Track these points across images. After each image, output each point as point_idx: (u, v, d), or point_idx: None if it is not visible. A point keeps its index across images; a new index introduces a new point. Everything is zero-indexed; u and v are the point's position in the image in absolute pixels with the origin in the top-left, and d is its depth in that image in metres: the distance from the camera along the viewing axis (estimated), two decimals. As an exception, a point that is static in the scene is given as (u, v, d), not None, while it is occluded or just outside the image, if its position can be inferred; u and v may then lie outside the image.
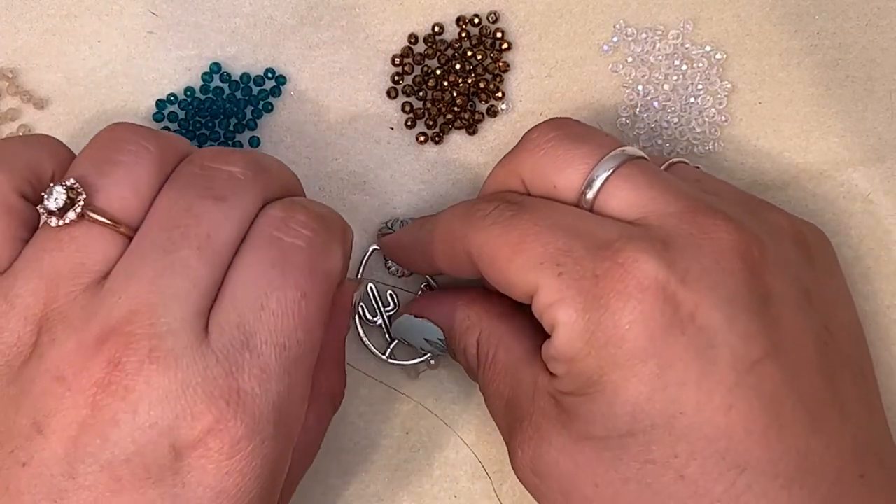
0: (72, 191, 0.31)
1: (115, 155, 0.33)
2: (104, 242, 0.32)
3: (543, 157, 0.36)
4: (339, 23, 0.43)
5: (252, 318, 0.31)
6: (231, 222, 0.32)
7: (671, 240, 0.32)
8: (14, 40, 0.43)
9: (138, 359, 0.29)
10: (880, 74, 0.43)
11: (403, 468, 0.42)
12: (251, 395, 0.30)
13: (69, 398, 0.30)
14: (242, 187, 0.33)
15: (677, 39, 0.43)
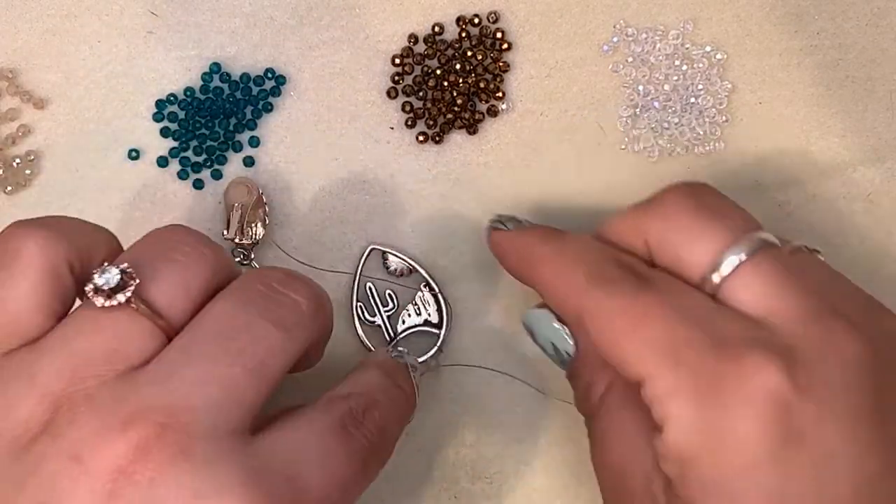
0: (125, 274, 0.31)
1: (170, 253, 0.32)
2: (144, 334, 0.31)
3: (674, 226, 0.34)
4: (339, 23, 0.43)
5: (304, 466, 0.31)
6: (287, 354, 0.32)
7: (796, 349, 0.31)
8: (14, 40, 0.43)
9: (169, 453, 0.28)
10: (880, 74, 0.43)
11: (403, 468, 0.42)
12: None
13: (84, 482, 0.28)
14: (304, 322, 0.33)
15: (677, 39, 0.43)
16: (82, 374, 0.30)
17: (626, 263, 0.34)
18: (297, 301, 0.33)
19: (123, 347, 0.31)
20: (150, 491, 0.28)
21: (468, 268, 0.43)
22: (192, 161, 0.43)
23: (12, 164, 0.42)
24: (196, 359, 0.30)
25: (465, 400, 0.42)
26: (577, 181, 0.43)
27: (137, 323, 0.31)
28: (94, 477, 0.28)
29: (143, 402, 0.29)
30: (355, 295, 0.42)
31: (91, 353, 0.30)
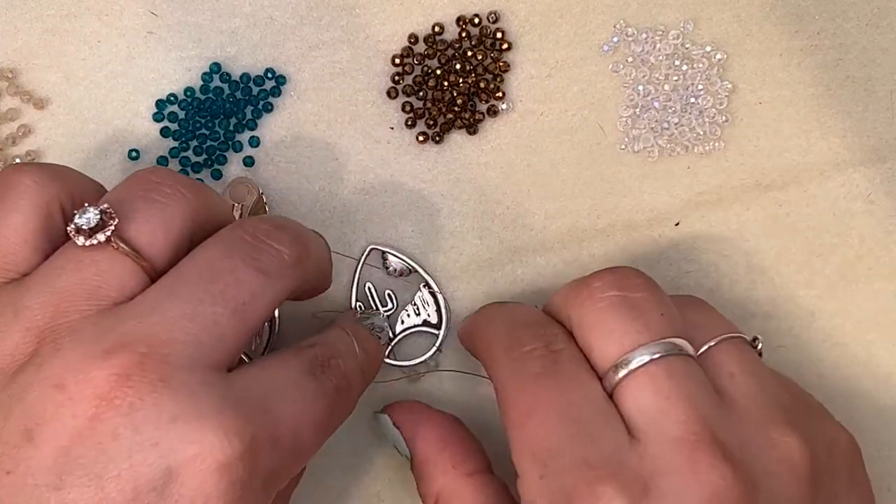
0: (105, 214, 0.32)
1: (150, 193, 0.33)
2: (125, 272, 0.32)
3: (592, 313, 0.34)
4: (339, 23, 0.43)
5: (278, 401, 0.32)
6: (267, 299, 0.33)
7: (655, 481, 0.31)
8: (14, 40, 0.43)
9: (149, 380, 0.30)
10: (880, 74, 0.43)
11: (403, 468, 0.42)
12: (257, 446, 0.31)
13: (68, 406, 0.29)
14: (286, 270, 0.34)
15: (677, 39, 0.43)
16: (65, 309, 0.31)
17: (546, 336, 0.35)
18: (280, 250, 0.34)
19: (104, 284, 0.32)
20: (130, 414, 0.29)
21: (468, 268, 0.43)
22: (192, 161, 0.43)
23: (12, 164, 0.42)
24: (179, 297, 0.31)
25: (465, 400, 0.42)
26: (577, 181, 0.43)
27: (118, 261, 0.32)
28: (76, 402, 0.29)
29: (125, 334, 0.30)
30: (354, 295, 0.42)
31: (73, 290, 0.31)
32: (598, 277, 0.35)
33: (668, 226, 0.43)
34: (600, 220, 0.43)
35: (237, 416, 0.30)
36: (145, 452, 0.29)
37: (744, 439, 0.33)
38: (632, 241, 0.43)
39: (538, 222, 0.43)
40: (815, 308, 0.43)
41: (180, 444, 0.29)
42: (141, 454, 0.29)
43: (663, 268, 0.43)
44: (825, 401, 0.43)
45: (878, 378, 0.43)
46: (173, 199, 0.33)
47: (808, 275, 0.43)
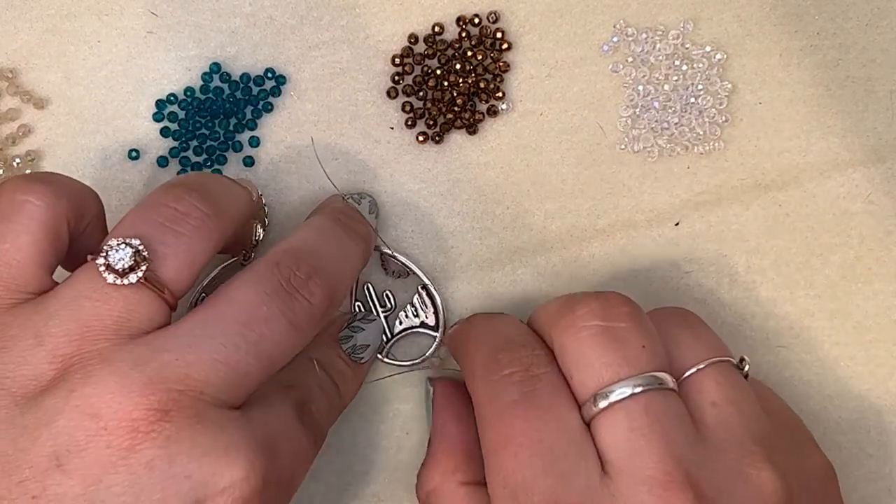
0: (138, 255, 0.32)
1: (178, 226, 0.34)
2: (151, 306, 0.33)
3: (574, 342, 0.34)
4: (339, 23, 0.43)
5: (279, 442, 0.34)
6: (293, 350, 0.34)
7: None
8: (14, 40, 0.43)
9: (185, 416, 0.30)
10: (880, 74, 0.43)
11: (403, 468, 0.42)
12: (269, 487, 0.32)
13: (103, 436, 0.30)
14: (315, 323, 0.35)
15: (677, 39, 0.43)
16: (94, 337, 0.31)
17: (525, 361, 0.35)
18: (312, 303, 0.35)
19: (132, 317, 0.32)
20: (166, 447, 0.30)
21: (468, 268, 0.43)
22: (192, 161, 0.43)
23: (12, 164, 0.42)
24: (215, 338, 0.32)
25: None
26: (577, 181, 0.43)
27: (146, 296, 0.32)
28: (112, 433, 0.30)
29: (162, 370, 0.31)
30: (354, 294, 0.42)
31: (101, 321, 0.32)
32: (584, 304, 0.35)
33: (668, 226, 0.43)
34: (600, 220, 0.43)
35: (259, 455, 0.32)
36: (178, 484, 0.30)
37: (717, 475, 0.33)
38: (632, 241, 0.43)
39: (538, 222, 0.43)
40: (815, 308, 0.43)
41: (211, 477, 0.30)
42: (174, 486, 0.30)
43: (663, 268, 0.43)
44: (825, 401, 0.43)
45: (878, 378, 0.43)
46: (199, 234, 0.34)
47: (808, 275, 0.43)
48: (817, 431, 0.42)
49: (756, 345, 0.43)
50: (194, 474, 0.30)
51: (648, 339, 0.34)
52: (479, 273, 0.43)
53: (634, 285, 0.43)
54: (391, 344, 0.42)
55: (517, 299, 0.43)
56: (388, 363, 0.42)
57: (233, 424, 0.31)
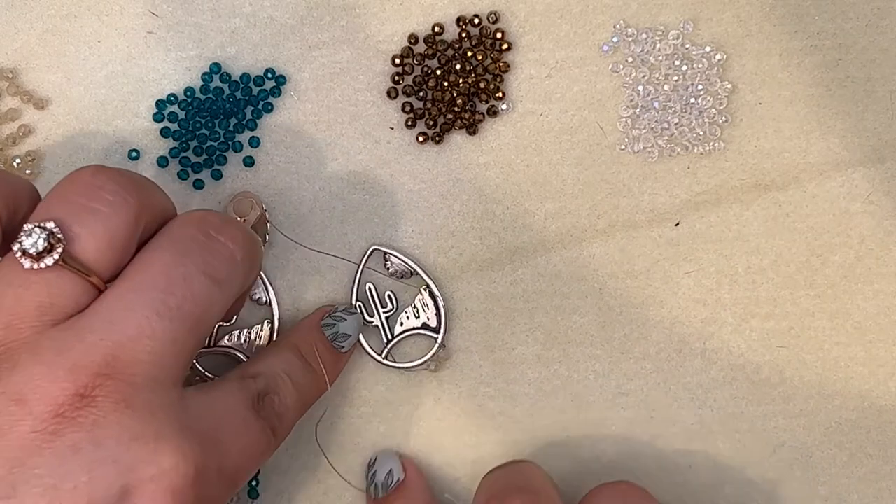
0: (52, 237, 0.31)
1: (93, 203, 0.33)
2: (75, 289, 0.32)
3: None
4: (339, 23, 0.43)
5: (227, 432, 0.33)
6: (219, 307, 0.34)
7: None
8: (14, 40, 0.43)
9: (114, 400, 0.30)
10: (880, 75, 0.43)
11: (403, 468, 0.42)
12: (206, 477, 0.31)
13: (27, 422, 0.29)
14: (237, 272, 0.34)
15: (677, 40, 0.43)
16: (17, 326, 0.31)
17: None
18: (233, 250, 0.34)
19: (55, 301, 0.32)
20: (93, 431, 0.30)
21: (468, 268, 0.43)
22: (192, 161, 0.43)
23: (12, 164, 0.42)
24: (137, 310, 0.31)
25: (465, 400, 0.42)
26: (577, 181, 0.43)
27: (67, 279, 0.32)
28: (37, 418, 0.29)
29: (87, 352, 0.30)
30: (355, 294, 0.42)
31: (24, 308, 0.31)
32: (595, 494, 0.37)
33: (668, 226, 0.43)
34: (600, 220, 0.43)
35: (193, 443, 0.31)
36: (105, 468, 0.29)
37: None
38: (632, 241, 0.43)
39: (538, 222, 0.43)
40: (815, 308, 0.43)
41: (139, 463, 0.30)
42: (100, 469, 0.29)
43: (663, 268, 0.43)
44: (825, 401, 0.43)
45: (878, 378, 0.43)
46: (116, 208, 0.33)
47: (808, 275, 0.43)
48: (818, 432, 0.42)
49: (756, 345, 0.43)
50: (121, 459, 0.30)
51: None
52: (479, 273, 0.43)
53: (634, 285, 0.43)
54: (391, 345, 0.42)
55: (517, 299, 0.43)
56: (388, 365, 0.42)
57: (166, 410, 0.31)
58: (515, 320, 0.43)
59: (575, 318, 0.43)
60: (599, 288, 0.43)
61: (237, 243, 0.34)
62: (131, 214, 0.33)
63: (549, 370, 0.43)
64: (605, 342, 0.43)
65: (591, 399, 0.43)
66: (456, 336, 0.43)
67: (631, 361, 0.43)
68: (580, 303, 0.43)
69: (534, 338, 0.43)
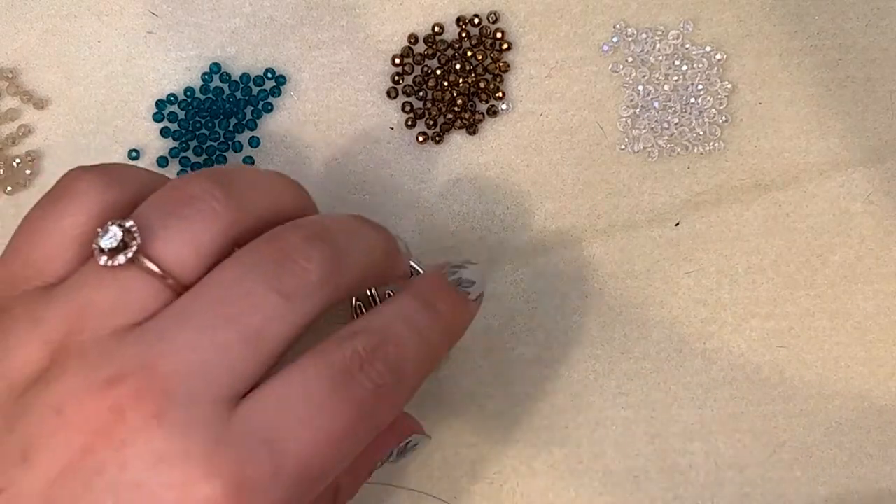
0: (128, 234, 0.30)
1: (183, 208, 0.31)
2: (147, 292, 0.30)
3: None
4: (339, 23, 0.43)
5: (285, 426, 0.30)
6: (287, 325, 0.31)
7: None
8: (14, 40, 0.43)
9: (142, 416, 0.28)
10: (880, 74, 0.43)
11: (403, 469, 0.42)
12: (251, 489, 0.29)
13: (62, 435, 0.28)
14: (313, 291, 0.31)
15: (677, 40, 0.43)
16: (80, 327, 0.30)
17: None
18: (307, 269, 0.31)
19: (126, 303, 0.30)
20: (120, 450, 0.28)
21: (468, 268, 0.43)
22: (192, 161, 0.43)
23: (12, 164, 0.42)
24: (189, 323, 0.30)
25: (465, 400, 0.42)
26: (577, 181, 0.43)
27: (141, 280, 0.30)
28: (72, 430, 0.28)
29: (127, 362, 0.29)
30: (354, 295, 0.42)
31: (93, 306, 0.30)
32: None
33: (668, 226, 0.43)
34: (600, 220, 0.43)
35: (227, 459, 0.29)
36: (129, 493, 0.28)
37: None
38: (632, 241, 0.43)
39: (538, 222, 0.43)
40: (815, 308, 0.43)
41: (159, 488, 0.28)
42: (125, 494, 0.28)
43: (663, 268, 0.43)
44: (825, 401, 0.43)
45: (878, 378, 0.43)
46: (205, 217, 0.31)
47: (808, 275, 0.43)
48: (818, 432, 0.42)
49: (756, 345, 0.43)
50: (144, 483, 0.28)
51: None
52: (479, 273, 0.43)
53: (634, 285, 0.43)
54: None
55: (517, 299, 0.43)
56: None
57: (202, 426, 0.29)
58: (515, 320, 0.43)
59: (575, 318, 0.43)
60: (599, 288, 0.43)
61: (313, 261, 0.32)
62: (221, 225, 0.32)
63: (549, 370, 0.43)
64: (605, 342, 0.43)
65: (591, 399, 0.43)
66: (456, 336, 0.43)
67: (631, 361, 0.43)
68: (580, 303, 0.43)
69: (534, 338, 0.43)
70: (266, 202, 0.34)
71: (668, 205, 0.43)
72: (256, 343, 0.30)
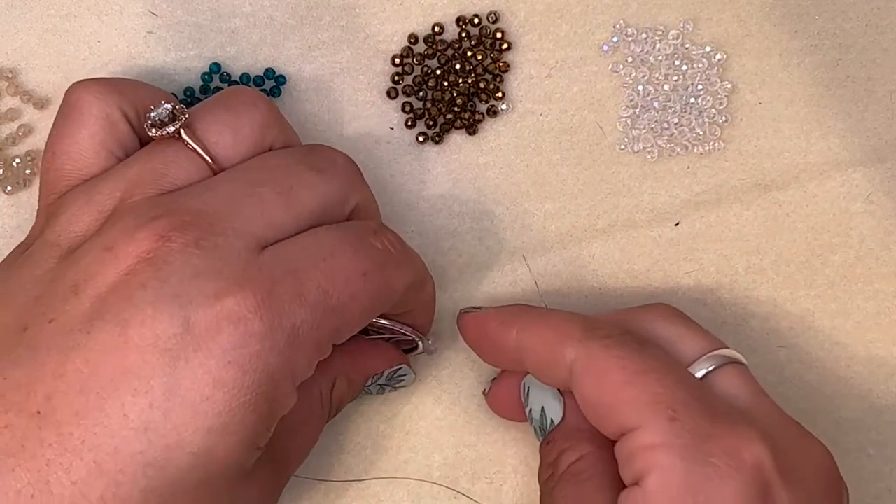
0: (177, 110, 0.35)
1: (226, 101, 0.37)
2: (190, 165, 0.35)
3: (670, 324, 0.37)
4: (339, 23, 0.43)
5: (309, 262, 0.33)
6: (317, 192, 0.35)
7: (780, 440, 0.33)
8: (14, 40, 0.43)
9: (184, 241, 0.32)
10: (880, 74, 0.43)
11: (403, 468, 0.42)
12: (278, 303, 0.32)
13: (111, 263, 0.32)
14: (339, 173, 0.36)
15: (677, 40, 0.43)
16: (131, 193, 0.34)
17: (621, 327, 0.36)
18: (335, 158, 0.37)
19: (169, 172, 0.34)
20: (161, 269, 0.31)
21: (468, 268, 0.43)
22: (192, 161, 0.43)
23: (12, 164, 0.42)
24: (232, 179, 0.34)
25: (465, 400, 0.42)
26: (577, 181, 0.43)
27: (184, 153, 0.35)
28: (120, 260, 0.32)
29: (173, 205, 0.33)
30: None
31: (141, 176, 0.34)
32: (657, 305, 0.38)
33: (668, 226, 0.43)
34: (600, 220, 0.43)
35: (256, 279, 0.32)
36: (167, 303, 0.31)
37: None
38: (632, 241, 0.43)
39: (538, 222, 0.43)
40: (815, 308, 0.43)
41: (197, 296, 0.31)
42: (163, 304, 0.31)
43: (663, 268, 0.43)
44: (825, 401, 0.43)
45: (878, 378, 0.43)
46: (245, 108, 0.36)
47: (808, 275, 0.43)
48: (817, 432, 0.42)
49: (756, 345, 0.43)
50: (181, 294, 0.31)
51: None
52: (479, 273, 0.43)
53: (634, 285, 0.43)
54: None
55: (517, 299, 0.43)
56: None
57: (237, 253, 0.32)
58: (515, 320, 0.43)
59: (575, 318, 0.43)
60: (599, 288, 0.43)
61: (339, 157, 0.37)
62: (258, 116, 0.36)
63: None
64: (605, 342, 0.43)
65: (591, 399, 0.43)
66: (456, 336, 0.43)
67: (631, 361, 0.43)
68: (580, 303, 0.43)
69: (534, 338, 0.43)
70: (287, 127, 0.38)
71: (668, 205, 0.43)
72: (288, 198, 0.34)
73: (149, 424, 0.30)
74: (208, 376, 0.31)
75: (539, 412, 0.38)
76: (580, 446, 0.36)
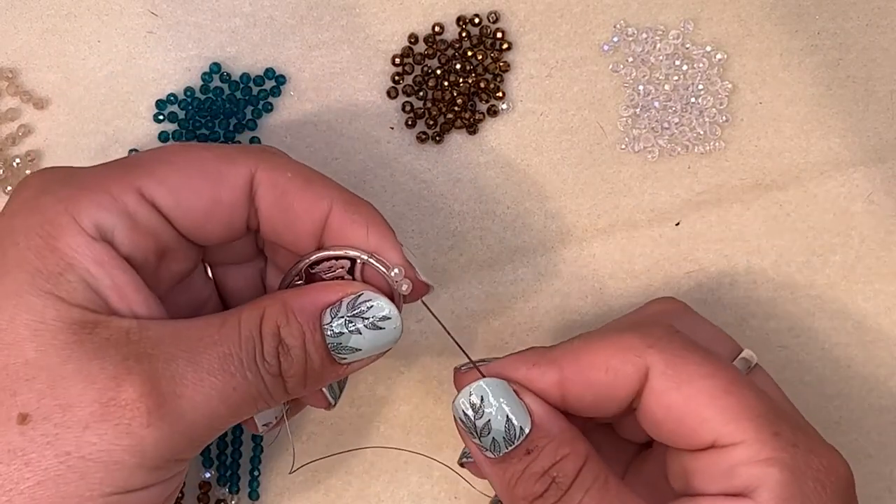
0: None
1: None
2: None
3: (688, 321, 0.37)
4: (339, 23, 0.43)
5: None
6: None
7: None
8: (14, 40, 0.43)
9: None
10: (881, 74, 0.43)
11: (403, 468, 0.42)
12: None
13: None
14: None
15: (678, 39, 0.43)
16: None
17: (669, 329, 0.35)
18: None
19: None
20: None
21: (468, 268, 0.43)
22: (193, 161, 0.43)
23: (12, 164, 0.42)
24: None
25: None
26: (577, 181, 0.43)
27: None
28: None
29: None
30: None
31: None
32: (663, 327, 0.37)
33: (669, 226, 0.43)
34: (601, 219, 0.43)
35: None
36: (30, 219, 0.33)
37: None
38: (632, 240, 0.43)
39: (538, 222, 0.43)
40: (815, 308, 0.43)
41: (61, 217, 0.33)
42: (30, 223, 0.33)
43: (663, 268, 0.43)
44: (825, 401, 0.43)
45: (878, 378, 0.43)
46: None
47: (808, 275, 0.43)
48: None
49: (756, 345, 0.43)
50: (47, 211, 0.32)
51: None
52: (479, 273, 0.43)
53: (634, 285, 0.43)
54: None
55: (517, 299, 0.43)
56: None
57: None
58: (515, 320, 0.43)
59: (575, 319, 0.43)
60: (599, 288, 0.43)
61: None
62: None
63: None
64: (606, 342, 0.43)
65: (592, 399, 0.43)
66: (456, 336, 0.43)
67: (631, 361, 0.43)
68: (580, 303, 0.43)
69: (534, 338, 0.43)
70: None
71: (669, 204, 0.43)
72: None
73: None
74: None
75: (503, 422, 0.34)
76: (578, 450, 0.34)
